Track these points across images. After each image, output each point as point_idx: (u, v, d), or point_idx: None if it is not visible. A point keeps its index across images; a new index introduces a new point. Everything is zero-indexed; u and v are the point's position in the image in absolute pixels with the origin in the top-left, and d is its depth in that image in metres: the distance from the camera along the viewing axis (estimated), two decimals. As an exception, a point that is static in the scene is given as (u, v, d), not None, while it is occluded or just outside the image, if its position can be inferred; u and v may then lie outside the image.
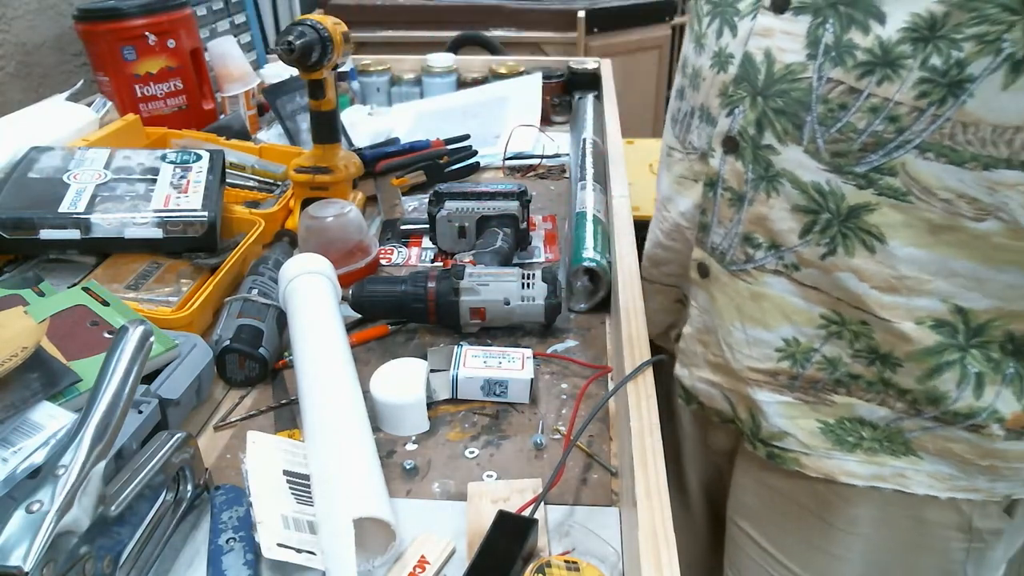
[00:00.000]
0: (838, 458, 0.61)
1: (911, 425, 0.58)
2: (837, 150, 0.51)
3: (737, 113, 0.56)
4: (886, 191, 0.50)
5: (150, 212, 0.81)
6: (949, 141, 0.46)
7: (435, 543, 0.52)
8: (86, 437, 0.45)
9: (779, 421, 0.62)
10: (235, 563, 0.49)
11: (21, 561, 0.40)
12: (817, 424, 0.61)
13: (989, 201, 0.47)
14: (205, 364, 0.66)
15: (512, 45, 2.00)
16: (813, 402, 0.61)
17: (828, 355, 0.58)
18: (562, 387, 0.71)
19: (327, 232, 0.86)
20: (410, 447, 0.64)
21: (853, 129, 0.49)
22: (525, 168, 1.21)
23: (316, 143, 1.00)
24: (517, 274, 0.77)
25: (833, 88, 0.49)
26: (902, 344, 0.54)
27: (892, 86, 0.47)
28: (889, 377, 0.56)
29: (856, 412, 0.59)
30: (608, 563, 0.52)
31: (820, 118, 0.50)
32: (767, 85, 0.53)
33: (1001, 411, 0.54)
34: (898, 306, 0.53)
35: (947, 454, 0.58)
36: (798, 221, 0.54)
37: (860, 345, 0.56)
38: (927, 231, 0.50)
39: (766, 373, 0.61)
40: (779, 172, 0.54)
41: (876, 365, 0.57)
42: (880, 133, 0.48)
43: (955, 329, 0.53)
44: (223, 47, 1.31)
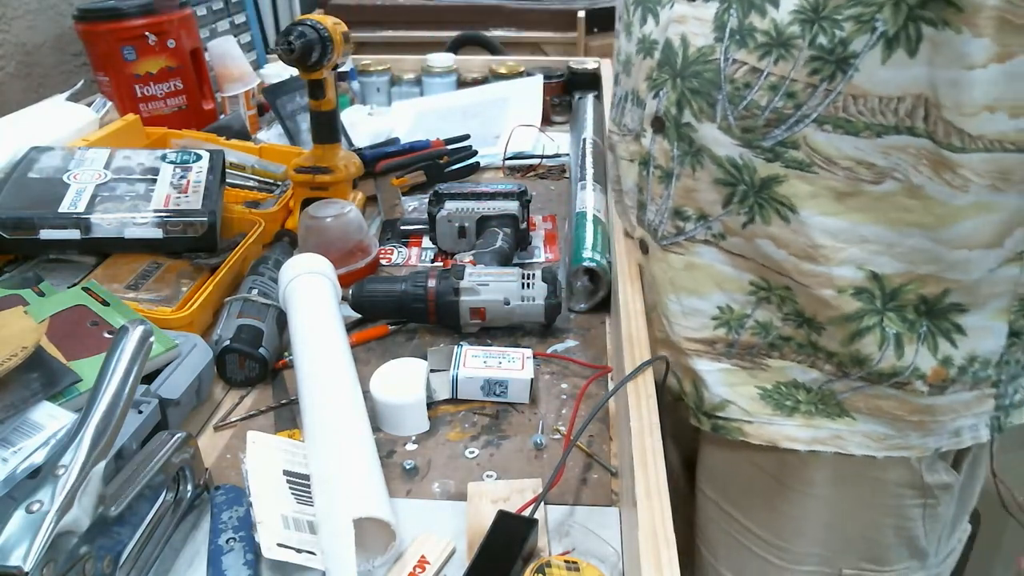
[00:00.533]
0: (778, 423, 0.63)
1: (841, 387, 0.60)
2: (745, 126, 0.54)
3: (661, 95, 0.60)
4: (791, 163, 0.53)
5: (150, 212, 0.81)
6: (843, 113, 0.50)
7: (435, 543, 0.52)
8: (86, 437, 0.45)
9: (720, 390, 0.65)
10: (235, 563, 0.49)
11: (21, 561, 0.40)
12: (756, 390, 0.63)
13: (884, 164, 0.51)
14: (205, 364, 0.66)
15: (512, 45, 2.00)
16: (750, 368, 0.63)
17: (760, 320, 0.61)
18: (562, 387, 0.71)
19: (327, 232, 0.86)
20: (410, 447, 0.64)
21: (757, 106, 0.53)
22: (525, 168, 1.21)
23: (316, 143, 1.00)
24: (517, 274, 0.77)
25: (738, 68, 0.53)
26: (824, 309, 0.57)
27: (787, 64, 0.50)
28: (816, 340, 0.59)
29: (790, 375, 0.62)
30: (608, 563, 0.52)
31: (729, 96, 0.54)
32: (683, 67, 0.57)
33: (921, 368, 0.57)
34: (817, 274, 0.56)
35: (878, 413, 0.60)
36: (719, 193, 0.58)
37: (787, 309, 0.60)
38: (834, 199, 0.53)
39: (704, 342, 0.64)
40: (700, 148, 0.58)
41: (804, 328, 0.60)
42: (780, 109, 0.52)
43: (872, 295, 0.56)
44: (223, 47, 1.31)
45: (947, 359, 0.57)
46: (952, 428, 0.61)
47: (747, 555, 0.72)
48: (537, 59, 1.64)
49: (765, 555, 0.71)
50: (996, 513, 0.71)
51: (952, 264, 0.53)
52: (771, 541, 0.70)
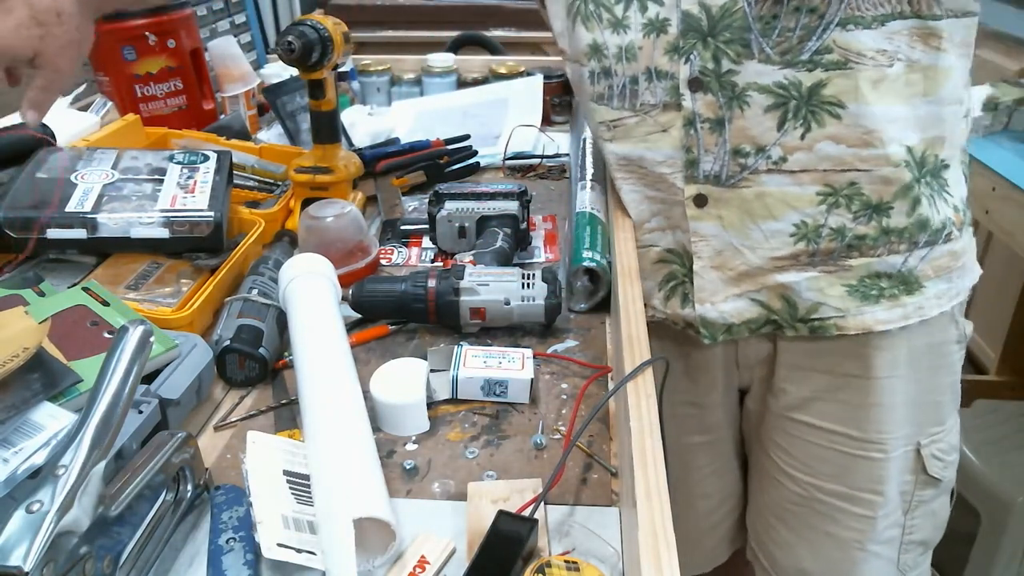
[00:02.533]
0: (869, 312, 0.72)
1: (914, 261, 0.70)
2: (783, 49, 0.63)
3: (693, 58, 0.67)
4: (830, 66, 0.63)
5: (156, 212, 0.81)
6: (857, 12, 0.61)
7: (435, 543, 0.52)
8: (86, 437, 0.45)
9: (811, 295, 0.72)
10: (235, 563, 0.49)
11: (21, 561, 0.40)
12: (844, 288, 0.71)
13: (890, 48, 0.62)
14: (205, 364, 0.66)
15: (512, 45, 2.00)
16: (834, 270, 0.71)
17: (834, 225, 0.69)
18: (562, 387, 0.71)
19: (327, 232, 0.86)
20: (410, 447, 0.64)
21: (788, 29, 0.62)
22: (525, 168, 1.21)
23: (316, 143, 1.00)
24: (517, 274, 0.77)
25: (763, 6, 0.62)
26: (888, 187, 0.67)
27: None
28: (887, 224, 0.68)
29: (873, 269, 0.71)
30: (608, 563, 0.52)
31: (761, 31, 0.63)
32: (711, 28, 0.65)
33: (949, 216, 0.70)
34: (877, 157, 0.65)
35: (940, 271, 0.72)
36: (772, 118, 0.66)
37: (856, 206, 0.68)
38: (870, 88, 0.63)
39: (788, 258, 0.71)
40: (744, 88, 0.66)
41: (874, 219, 0.68)
42: (808, 24, 0.62)
43: (911, 164, 0.67)
44: (223, 47, 1.31)
45: (956, 206, 0.71)
46: (971, 265, 0.75)
47: (852, 461, 0.78)
48: (537, 59, 1.64)
49: (869, 454, 0.77)
50: (996, 513, 0.72)
51: (944, 120, 0.66)
52: (871, 438, 0.77)
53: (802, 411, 0.80)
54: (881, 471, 0.77)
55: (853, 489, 0.79)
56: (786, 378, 0.80)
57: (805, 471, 0.81)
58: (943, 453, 0.79)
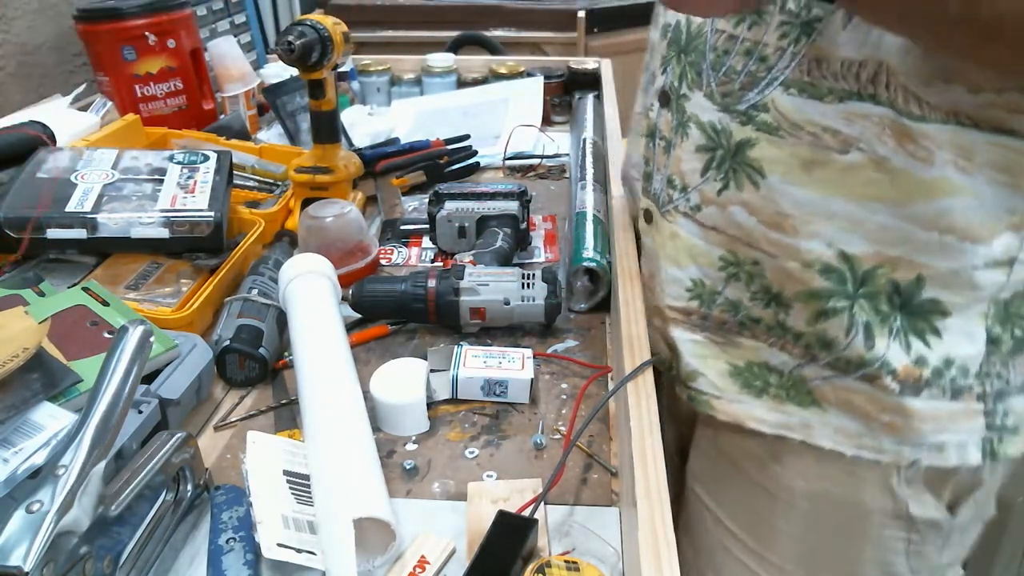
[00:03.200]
0: (746, 403, 0.63)
1: (811, 373, 0.60)
2: (725, 91, 0.57)
3: (668, 71, 0.64)
4: (762, 126, 0.55)
5: (156, 212, 0.81)
6: (808, 77, 0.52)
7: (435, 543, 0.52)
8: (86, 437, 0.45)
9: (692, 360, 0.65)
10: (235, 563, 0.49)
11: (21, 561, 0.40)
12: (727, 366, 0.64)
13: (848, 132, 0.52)
14: (205, 364, 0.66)
15: (512, 45, 2.00)
16: (722, 343, 0.64)
17: (730, 297, 0.62)
18: (562, 387, 0.71)
19: (327, 232, 0.86)
20: (410, 447, 0.64)
21: (734, 71, 0.56)
22: (525, 168, 1.21)
23: (316, 143, 1.00)
24: (517, 274, 0.77)
25: (720, 36, 0.57)
26: (790, 284, 0.58)
27: (760, 30, 0.54)
28: (784, 320, 0.59)
29: (761, 356, 0.62)
30: (608, 563, 0.52)
31: (712, 64, 0.58)
32: (687, 43, 0.61)
33: (892, 362, 0.56)
34: (784, 245, 0.56)
35: (848, 407, 0.59)
36: (700, 160, 0.60)
37: (755, 286, 0.60)
38: (801, 168, 0.54)
39: (681, 311, 0.66)
40: (688, 117, 0.61)
41: (772, 307, 0.60)
42: (753, 72, 0.55)
43: (843, 277, 0.55)
44: (223, 47, 1.31)
45: (921, 359, 0.55)
46: (934, 441, 0.57)
47: (728, 557, 0.71)
48: (537, 59, 1.64)
49: (745, 559, 0.69)
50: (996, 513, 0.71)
51: (923, 246, 0.52)
52: (751, 546, 0.69)
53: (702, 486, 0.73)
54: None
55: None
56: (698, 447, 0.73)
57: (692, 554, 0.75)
58: None
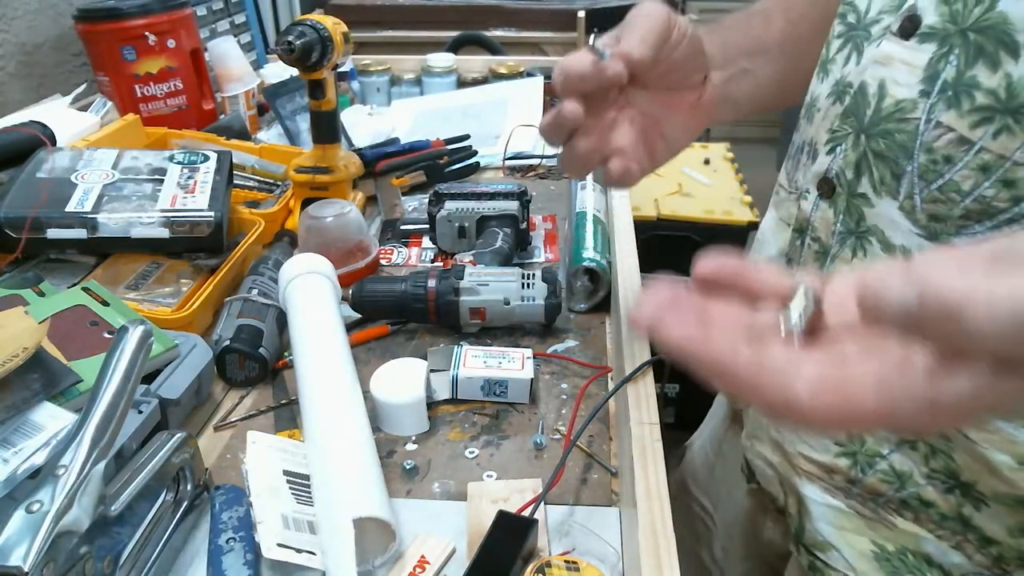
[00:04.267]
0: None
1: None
2: (935, 212, 0.42)
3: (838, 152, 0.48)
4: None
5: (156, 212, 0.81)
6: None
7: (435, 543, 0.52)
8: (86, 437, 0.45)
9: (826, 528, 0.53)
10: (235, 563, 0.49)
11: (21, 561, 0.40)
12: (872, 547, 0.51)
13: None
14: (205, 364, 0.66)
15: (512, 45, 2.00)
16: (871, 518, 0.51)
17: (897, 466, 0.48)
18: (562, 387, 0.71)
19: (327, 232, 0.86)
20: (410, 447, 0.64)
21: (956, 189, 0.41)
22: (525, 168, 1.21)
23: (316, 143, 1.00)
24: (517, 274, 0.77)
25: (942, 135, 0.41)
26: (991, 479, 0.44)
27: (1012, 141, 0.38)
28: (970, 516, 0.46)
29: (923, 547, 0.49)
30: (608, 563, 0.52)
31: (921, 170, 0.42)
32: (873, 123, 0.45)
33: None
34: (997, 430, 0.42)
35: None
36: None
37: (936, 464, 0.46)
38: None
39: (821, 467, 0.53)
40: (869, 228, 0.46)
41: (955, 495, 0.46)
42: (989, 199, 0.40)
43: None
44: (223, 47, 1.31)
45: None
46: None
47: None
48: (537, 59, 1.64)
49: None
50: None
51: None
52: None
53: None
54: None
55: None
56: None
57: None
58: None
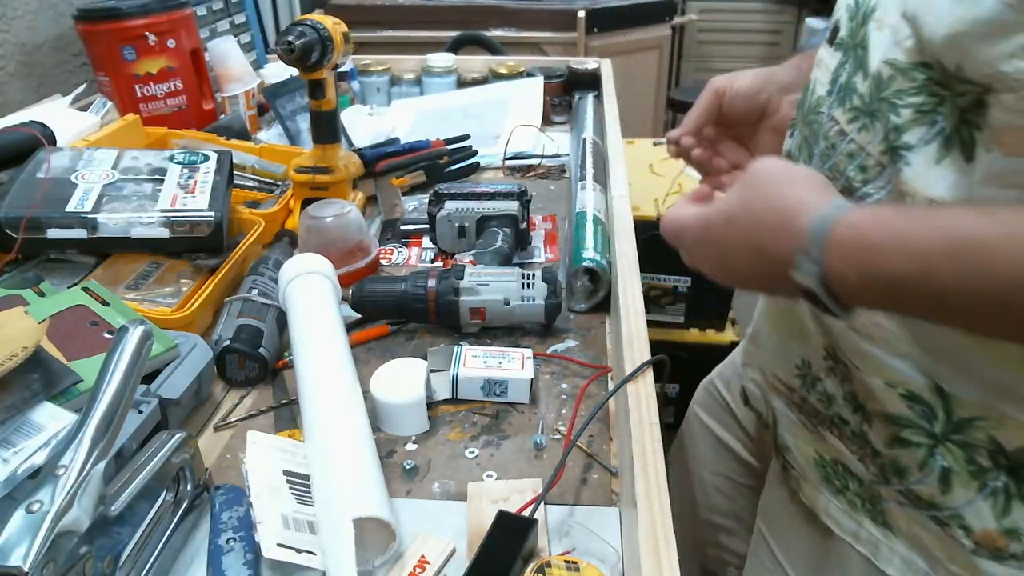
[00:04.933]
0: (825, 496, 0.61)
1: (886, 493, 0.55)
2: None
3: (794, 135, 0.58)
4: None
5: (157, 212, 0.81)
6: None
7: (435, 543, 0.52)
8: (86, 437, 0.45)
9: (786, 436, 0.65)
10: (235, 563, 0.49)
11: (21, 561, 0.40)
12: (814, 454, 0.61)
13: None
14: (205, 364, 0.66)
15: (512, 45, 2.00)
16: (812, 432, 0.61)
17: (828, 390, 0.57)
18: (562, 387, 0.71)
19: (327, 232, 0.86)
20: (410, 447, 0.64)
21: (837, 170, 0.50)
22: (525, 168, 1.21)
23: (316, 143, 1.00)
24: (517, 274, 0.77)
25: (832, 127, 0.50)
26: (871, 400, 0.52)
27: (868, 136, 0.47)
28: (866, 432, 0.54)
29: (844, 458, 0.58)
30: (608, 563, 0.52)
31: (821, 153, 0.52)
32: (806, 113, 0.55)
33: (968, 521, 0.49)
34: (873, 357, 0.50)
35: (918, 542, 0.54)
36: None
37: (847, 388, 0.55)
38: None
39: (785, 385, 0.63)
40: None
41: (858, 415, 0.55)
42: (852, 180, 0.49)
43: (929, 413, 0.49)
44: (223, 47, 1.31)
45: (1016, 531, 0.47)
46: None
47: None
48: (537, 59, 1.64)
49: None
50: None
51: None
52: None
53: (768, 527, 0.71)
54: None
55: None
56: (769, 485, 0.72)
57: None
58: None
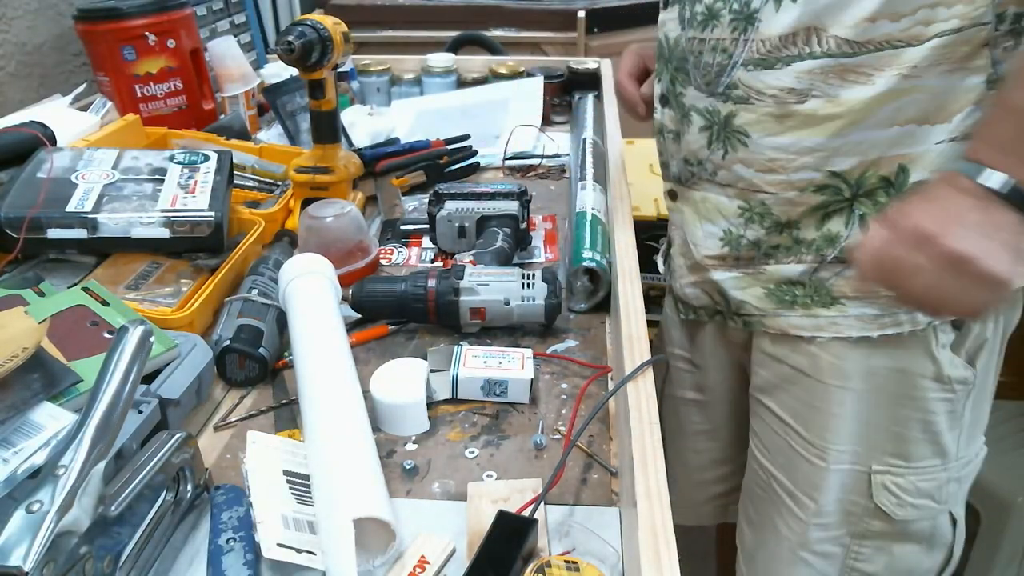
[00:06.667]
0: (784, 315, 0.74)
1: (826, 273, 0.70)
2: (707, 80, 0.70)
3: (663, 79, 0.77)
4: (737, 100, 0.68)
5: (157, 212, 0.81)
6: (757, 55, 0.65)
7: (435, 543, 0.52)
8: (86, 437, 0.45)
9: (736, 293, 0.77)
10: (235, 563, 0.49)
11: (21, 561, 0.40)
12: (761, 289, 0.75)
13: (801, 87, 0.64)
14: (205, 364, 0.66)
15: (512, 45, 1.99)
16: (752, 274, 0.75)
17: (751, 237, 0.74)
18: (562, 387, 0.71)
19: (327, 232, 0.86)
20: (410, 447, 0.64)
21: (707, 64, 0.69)
22: (525, 168, 1.21)
23: (316, 143, 1.00)
24: (517, 274, 0.77)
25: (693, 42, 0.70)
26: (793, 208, 0.69)
27: (719, 30, 0.68)
28: (797, 235, 0.71)
29: (784, 275, 0.73)
30: (608, 563, 0.52)
31: (693, 64, 0.71)
32: (670, 55, 0.75)
33: None
34: (779, 182, 0.69)
35: (863, 295, 0.69)
36: (704, 138, 0.73)
37: (768, 222, 0.72)
38: (774, 122, 0.66)
39: (717, 258, 0.77)
40: (689, 108, 0.74)
41: (785, 233, 0.71)
42: (720, 63, 0.68)
43: (838, 189, 0.67)
44: (223, 47, 1.31)
45: None
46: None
47: (796, 458, 0.78)
48: (537, 59, 1.64)
49: (809, 456, 0.77)
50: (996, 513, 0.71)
51: (892, 142, 0.64)
52: (813, 442, 0.76)
53: (767, 395, 0.81)
54: (820, 478, 0.77)
55: (795, 487, 0.79)
56: (759, 362, 0.81)
57: (766, 456, 0.83)
58: (902, 491, 0.76)
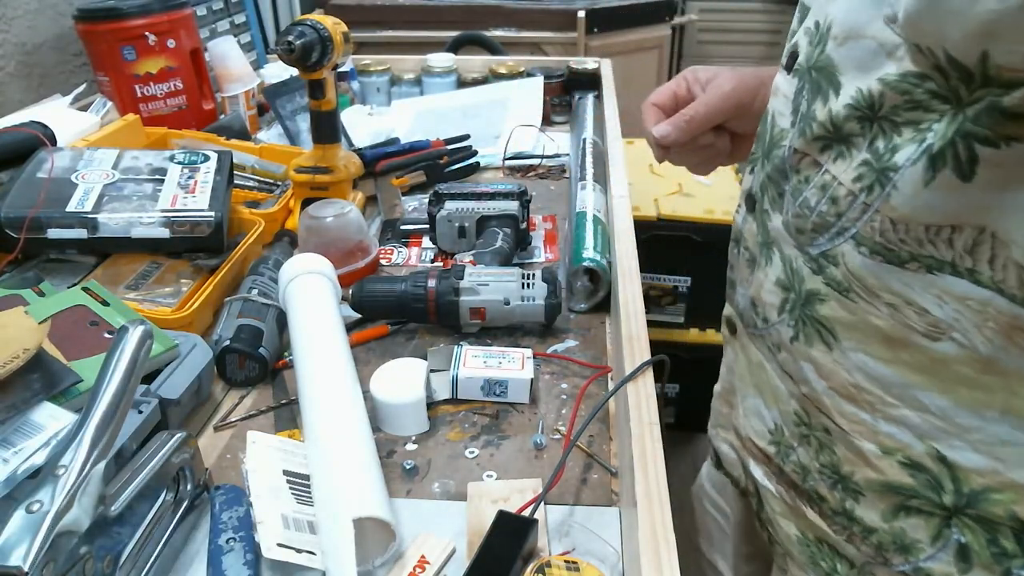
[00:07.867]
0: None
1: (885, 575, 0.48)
2: (798, 226, 0.47)
3: (756, 171, 0.54)
4: (831, 282, 0.45)
5: (157, 212, 0.81)
6: (881, 238, 0.41)
7: (435, 543, 0.52)
8: (86, 437, 0.45)
9: (768, 508, 0.58)
10: (235, 563, 0.49)
11: (21, 561, 0.40)
12: (797, 531, 0.55)
13: (940, 315, 0.40)
14: (205, 364, 0.66)
15: (512, 45, 2.00)
16: (792, 506, 0.55)
17: (802, 460, 0.52)
18: (562, 387, 0.71)
19: (327, 232, 0.86)
20: (410, 447, 0.64)
21: (808, 206, 0.45)
22: (525, 168, 1.21)
23: (316, 143, 1.00)
24: (517, 274, 0.77)
25: (801, 159, 0.46)
26: (863, 468, 0.47)
27: (843, 164, 0.43)
28: (852, 508, 0.49)
29: (827, 538, 0.52)
30: (608, 563, 0.52)
31: (792, 189, 0.47)
32: (769, 148, 0.51)
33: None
34: (861, 421, 0.46)
35: None
36: (777, 296, 0.51)
37: (824, 459, 0.50)
38: (880, 341, 0.43)
39: (762, 452, 0.57)
40: (772, 239, 0.51)
41: (838, 490, 0.49)
42: (824, 215, 0.44)
43: (936, 484, 0.44)
44: (223, 47, 1.31)
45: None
46: None
47: None
48: (537, 59, 1.64)
49: None
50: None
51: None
52: None
53: None
54: None
55: None
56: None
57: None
58: None
